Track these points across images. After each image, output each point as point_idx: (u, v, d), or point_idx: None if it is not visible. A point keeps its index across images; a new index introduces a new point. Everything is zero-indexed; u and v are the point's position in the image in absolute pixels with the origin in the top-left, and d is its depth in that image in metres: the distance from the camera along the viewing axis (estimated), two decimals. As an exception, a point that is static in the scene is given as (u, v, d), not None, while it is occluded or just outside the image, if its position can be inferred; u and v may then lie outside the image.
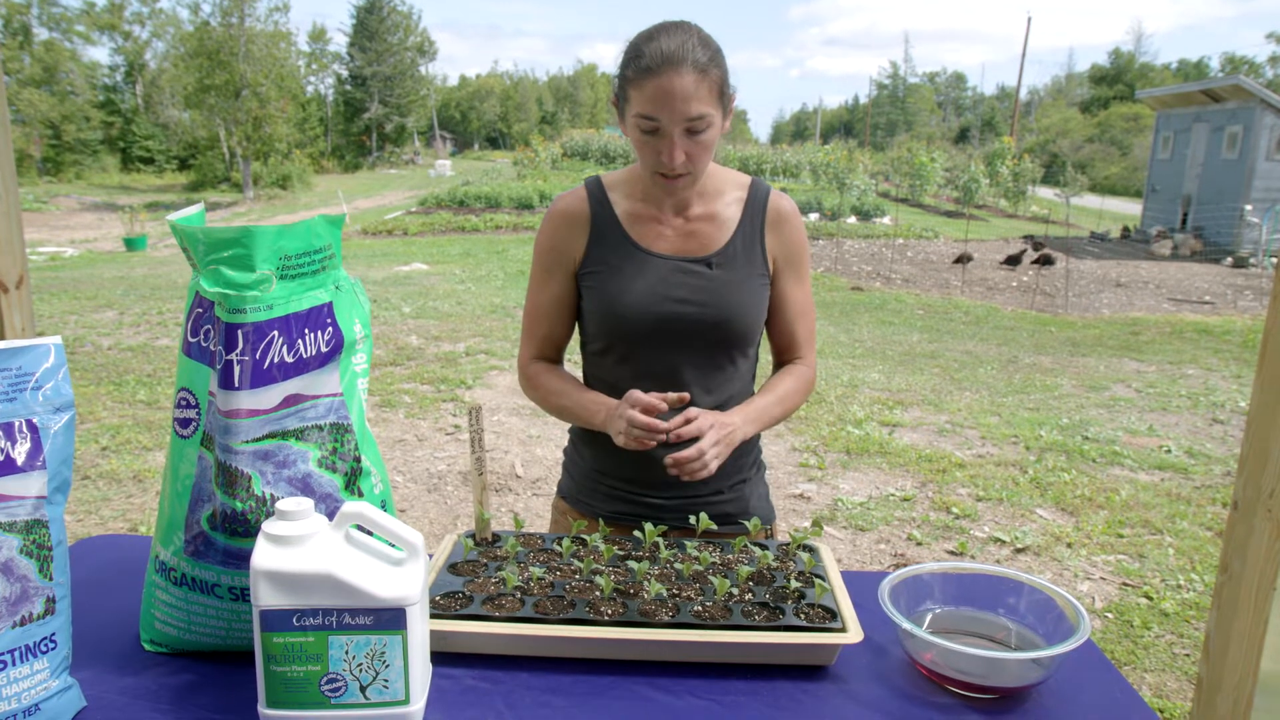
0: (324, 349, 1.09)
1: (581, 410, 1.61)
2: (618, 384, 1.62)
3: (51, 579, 1.00)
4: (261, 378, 1.04)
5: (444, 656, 1.15)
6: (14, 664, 0.96)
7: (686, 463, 1.42)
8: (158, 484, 4.72)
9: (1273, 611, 1.41)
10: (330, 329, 1.09)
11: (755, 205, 1.62)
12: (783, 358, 1.71)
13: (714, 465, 1.44)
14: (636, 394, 1.47)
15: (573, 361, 1.70)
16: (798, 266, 1.65)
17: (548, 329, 1.69)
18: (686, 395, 1.49)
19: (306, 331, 1.07)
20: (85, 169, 37.03)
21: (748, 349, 1.65)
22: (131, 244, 17.27)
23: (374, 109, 48.74)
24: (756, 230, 1.61)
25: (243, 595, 1.11)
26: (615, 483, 1.69)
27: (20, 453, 0.97)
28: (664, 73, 1.40)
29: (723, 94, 1.47)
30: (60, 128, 35.74)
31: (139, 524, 4.20)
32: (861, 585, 1.32)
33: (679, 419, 1.45)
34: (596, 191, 1.64)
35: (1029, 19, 43.03)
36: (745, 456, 1.72)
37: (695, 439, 1.43)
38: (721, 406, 1.63)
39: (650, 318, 1.56)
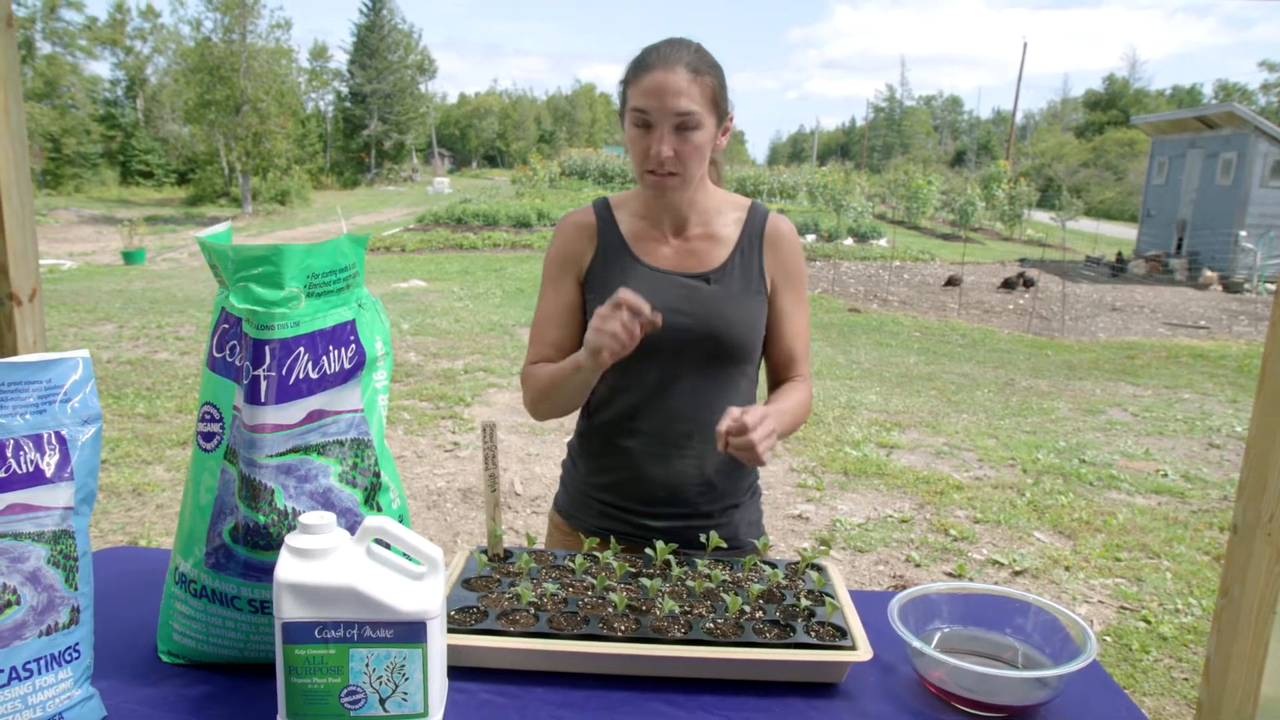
0: (347, 365, 1.11)
1: (562, 369, 1.56)
2: (613, 395, 1.66)
3: (76, 589, 1.02)
4: (287, 393, 1.06)
5: (459, 671, 1.17)
6: (40, 672, 0.98)
7: (741, 450, 1.37)
8: (157, 498, 4.72)
9: (1273, 635, 1.43)
10: (353, 346, 1.11)
11: (754, 226, 1.66)
12: (780, 375, 1.72)
13: (766, 456, 1.38)
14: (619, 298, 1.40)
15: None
16: (797, 286, 1.69)
17: (556, 334, 1.67)
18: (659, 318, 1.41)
19: (331, 348, 1.09)
20: (84, 182, 37.05)
21: (745, 366, 1.66)
22: (130, 257, 17.27)
23: (373, 126, 48.92)
24: (754, 249, 1.65)
25: (262, 608, 1.13)
26: (607, 499, 1.70)
27: (49, 464, 0.99)
28: (657, 69, 1.48)
29: (716, 102, 1.52)
30: (60, 141, 35.80)
31: (138, 537, 4.19)
32: (870, 604, 1.34)
33: (733, 417, 1.37)
34: (603, 210, 1.70)
35: (1025, 44, 43.44)
36: (741, 481, 1.72)
37: (741, 432, 1.36)
38: (714, 424, 1.64)
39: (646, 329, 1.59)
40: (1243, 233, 17.48)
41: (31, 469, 0.97)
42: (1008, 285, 15.45)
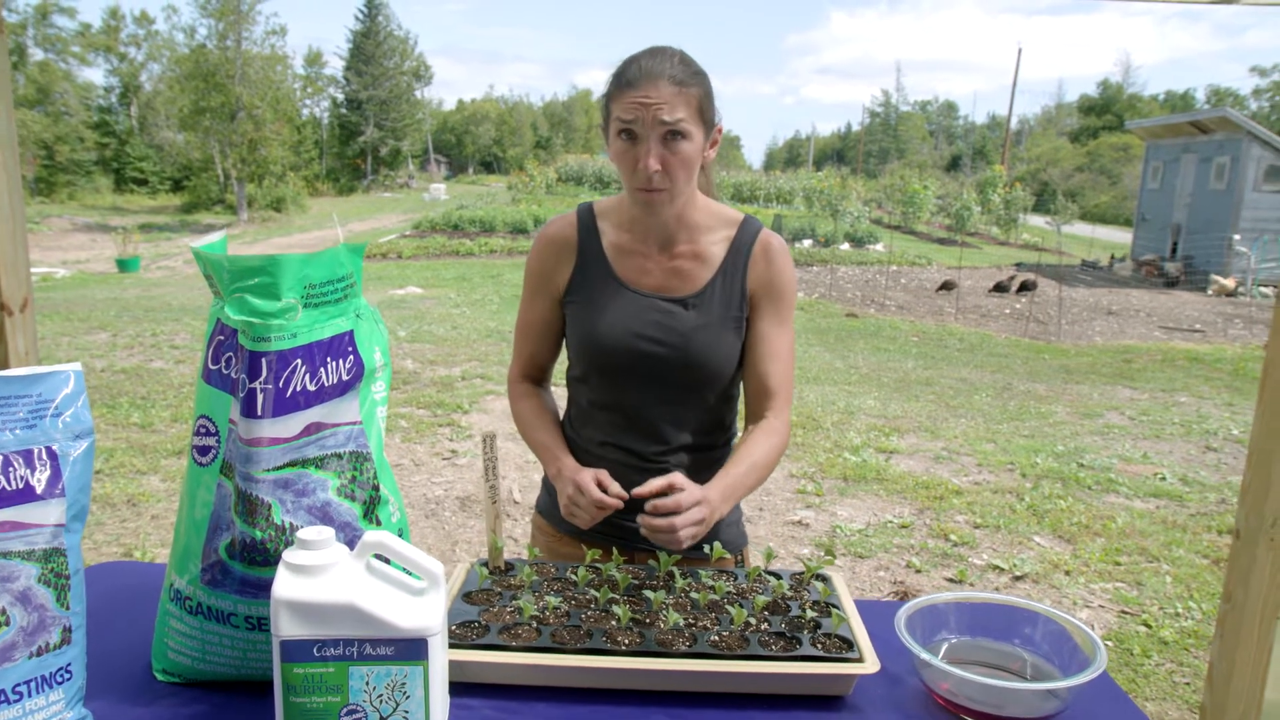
0: (345, 377, 1.09)
1: (541, 451, 1.64)
2: (592, 409, 1.66)
3: (68, 608, 0.99)
4: (284, 406, 1.04)
5: (460, 686, 1.15)
6: (30, 695, 0.96)
7: (657, 531, 1.38)
8: (152, 508, 4.69)
9: (1276, 640, 1.42)
10: (351, 357, 1.09)
11: (741, 244, 1.60)
12: (754, 406, 1.63)
13: (686, 543, 1.38)
14: (589, 482, 1.47)
15: (559, 384, 1.73)
16: (778, 305, 1.61)
17: (532, 348, 1.72)
18: (626, 497, 1.46)
19: (329, 360, 1.07)
20: (78, 189, 36.91)
21: (723, 390, 1.63)
22: (124, 265, 17.22)
23: (369, 132, 48.87)
24: (739, 270, 1.59)
25: (259, 625, 1.11)
26: None
27: (40, 480, 0.97)
28: (641, 84, 1.44)
29: (703, 113, 1.48)
30: (54, 148, 35.69)
31: (133, 549, 4.16)
32: (875, 615, 1.32)
33: (661, 483, 1.39)
34: (587, 219, 1.66)
35: (1019, 50, 43.70)
36: None
37: (673, 512, 1.37)
38: (693, 445, 1.64)
39: (621, 353, 1.58)
40: (1236, 236, 17.53)
41: (21, 485, 0.95)
42: (999, 289, 15.47)
